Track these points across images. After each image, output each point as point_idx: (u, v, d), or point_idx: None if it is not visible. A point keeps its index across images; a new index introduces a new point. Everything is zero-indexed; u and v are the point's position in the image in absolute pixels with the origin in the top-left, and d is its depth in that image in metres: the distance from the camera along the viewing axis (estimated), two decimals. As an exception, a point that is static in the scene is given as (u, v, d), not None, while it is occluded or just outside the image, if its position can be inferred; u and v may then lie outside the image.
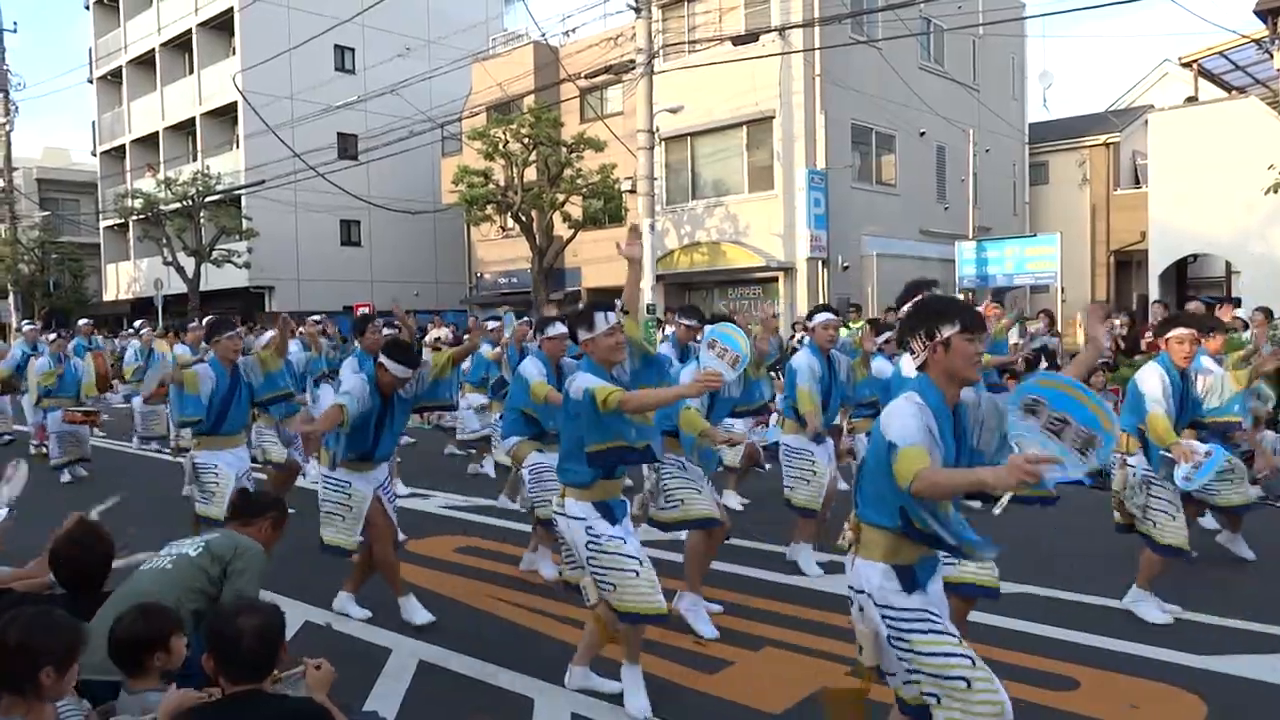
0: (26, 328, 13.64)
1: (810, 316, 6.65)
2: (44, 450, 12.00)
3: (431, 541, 7.31)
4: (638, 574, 3.96)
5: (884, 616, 2.98)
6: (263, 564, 3.64)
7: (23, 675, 2.47)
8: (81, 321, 16.94)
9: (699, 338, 7.93)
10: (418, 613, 5.35)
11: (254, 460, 8.69)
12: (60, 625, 2.61)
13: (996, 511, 5.25)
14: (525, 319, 9.09)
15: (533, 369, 6.10)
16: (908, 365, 6.29)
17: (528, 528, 7.69)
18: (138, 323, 17.45)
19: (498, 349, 8.56)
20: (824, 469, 6.25)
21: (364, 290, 30.05)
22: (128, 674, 2.91)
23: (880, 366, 7.28)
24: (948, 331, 2.94)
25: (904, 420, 2.86)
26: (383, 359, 5.26)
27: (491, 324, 9.49)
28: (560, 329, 6.22)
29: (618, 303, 4.36)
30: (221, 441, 6.34)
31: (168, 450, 11.57)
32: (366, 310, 21.58)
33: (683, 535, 5.59)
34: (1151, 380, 5.21)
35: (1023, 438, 2.72)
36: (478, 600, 5.80)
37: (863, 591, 3.05)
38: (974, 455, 3.07)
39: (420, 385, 5.45)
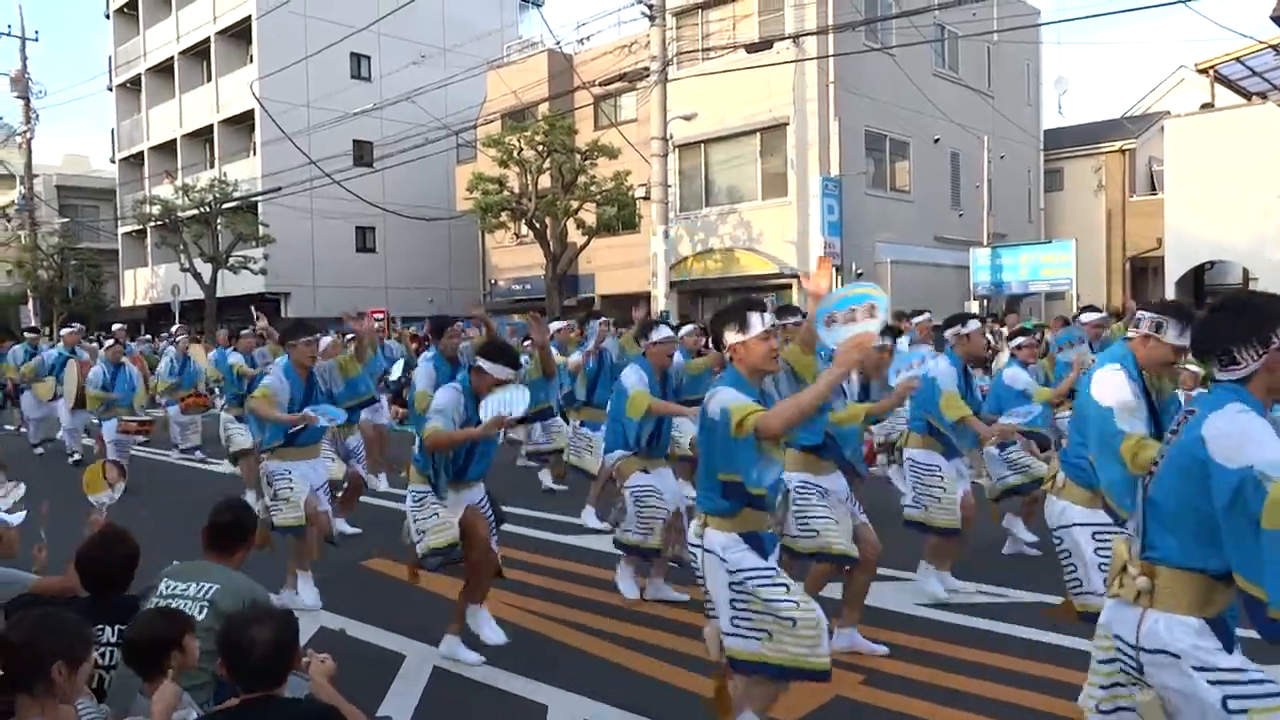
0: (66, 332, 13.38)
1: (961, 321, 5.97)
2: (76, 458, 11.89)
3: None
4: (795, 620, 3.33)
5: (1213, 682, 2.38)
6: (269, 600, 3.56)
7: (32, 674, 2.50)
8: (75, 326, 16.87)
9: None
10: (486, 626, 5.04)
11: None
12: (66, 624, 2.64)
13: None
14: (603, 319, 8.77)
15: (633, 377, 5.69)
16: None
17: (544, 535, 7.74)
18: (174, 328, 17.33)
19: (577, 357, 8.26)
20: (954, 484, 5.66)
21: (379, 296, 30.15)
22: (144, 676, 2.94)
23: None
24: None
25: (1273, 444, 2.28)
26: (480, 362, 4.78)
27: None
28: (666, 333, 5.89)
29: (771, 301, 3.99)
30: (296, 453, 5.88)
31: (216, 461, 11.42)
32: (380, 315, 21.75)
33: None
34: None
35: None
36: (493, 606, 5.78)
37: (1166, 652, 2.47)
38: None
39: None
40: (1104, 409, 3.61)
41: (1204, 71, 22.73)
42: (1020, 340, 7.44)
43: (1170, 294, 20.57)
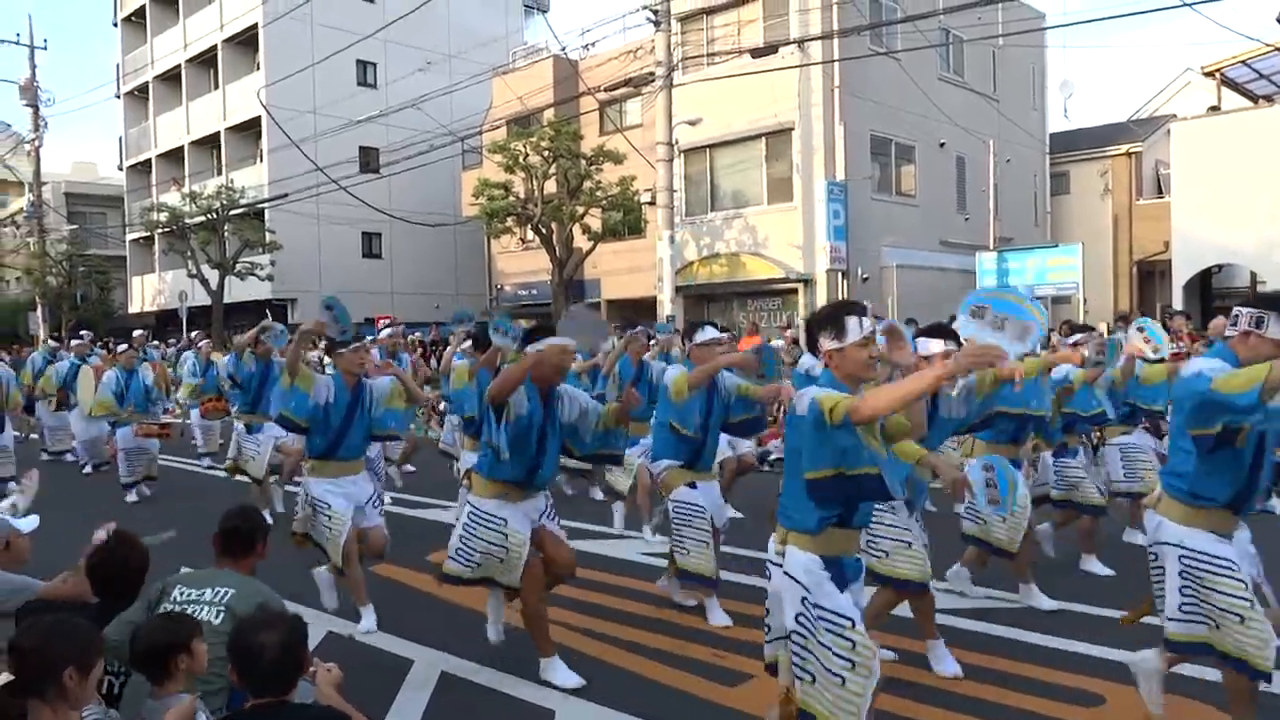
0: (75, 343, 13.32)
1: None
2: (94, 466, 11.87)
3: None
4: (853, 662, 3.07)
5: None
6: (282, 605, 3.50)
7: (44, 679, 2.51)
8: (136, 332, 16.19)
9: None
10: (560, 673, 4.59)
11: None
12: (77, 629, 2.66)
13: None
14: (639, 327, 8.50)
15: (674, 373, 5.49)
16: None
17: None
18: (194, 334, 17.27)
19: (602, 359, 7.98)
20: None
21: (385, 302, 30.22)
22: (153, 681, 2.95)
23: None
24: None
25: None
26: (530, 348, 4.44)
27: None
28: (712, 334, 5.67)
29: (868, 303, 3.65)
30: (337, 468, 5.53)
31: (221, 467, 11.28)
32: (388, 321, 21.75)
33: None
34: None
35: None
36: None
37: None
38: None
39: (578, 414, 4.67)
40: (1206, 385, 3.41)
41: (1211, 74, 22.71)
42: (1079, 337, 6.94)
43: (1178, 298, 20.51)
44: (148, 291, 37.81)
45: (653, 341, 9.22)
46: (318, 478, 5.51)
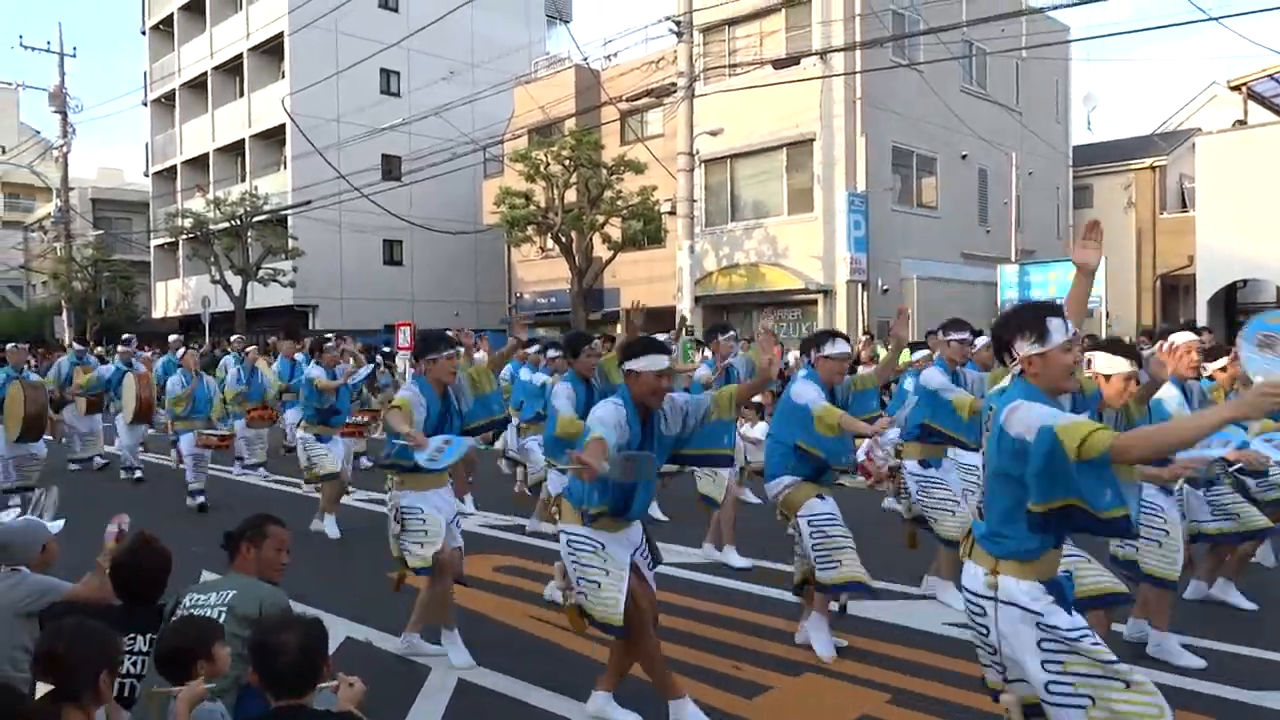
0: (121, 348, 12.90)
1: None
2: (137, 475, 11.60)
3: (471, 561, 7.33)
4: (1127, 682, 2.79)
5: None
6: (287, 603, 3.50)
7: (80, 685, 2.54)
8: (172, 337, 16.05)
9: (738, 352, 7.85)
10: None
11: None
12: (104, 633, 2.70)
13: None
14: (732, 332, 8.06)
15: (810, 391, 5.08)
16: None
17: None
18: (234, 338, 16.71)
19: (705, 371, 7.48)
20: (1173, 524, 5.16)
21: (405, 309, 30.37)
22: (174, 683, 2.97)
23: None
24: None
25: None
26: (630, 365, 4.06)
27: (534, 348, 9.22)
28: (843, 347, 5.28)
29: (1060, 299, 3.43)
30: (427, 480, 5.16)
31: (277, 478, 11.14)
32: (409, 328, 21.88)
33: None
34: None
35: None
36: (516, 619, 5.81)
37: None
38: None
39: (679, 420, 4.24)
40: None
41: (1236, 88, 22.53)
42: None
43: (1202, 313, 20.32)
44: (171, 297, 38.18)
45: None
46: (407, 490, 5.15)
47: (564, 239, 23.10)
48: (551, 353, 8.28)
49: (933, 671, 4.78)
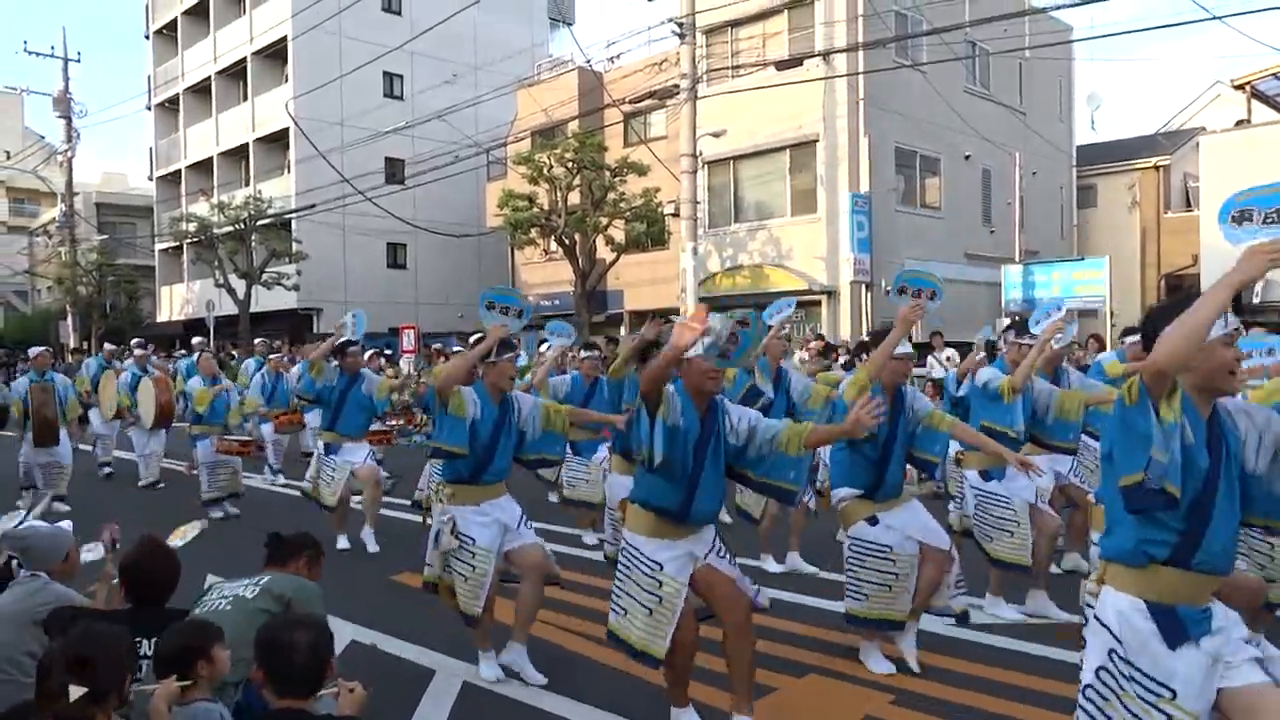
0: (138, 351, 12.64)
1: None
2: (153, 481, 11.38)
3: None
4: None
5: None
6: (322, 604, 3.60)
7: (109, 688, 2.56)
8: (196, 340, 16.32)
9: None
10: None
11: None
12: (122, 636, 2.73)
13: None
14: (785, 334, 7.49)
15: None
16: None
17: (582, 553, 7.63)
18: (256, 341, 16.43)
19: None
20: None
21: (409, 312, 30.39)
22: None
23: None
24: None
25: None
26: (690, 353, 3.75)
27: (545, 346, 8.91)
28: (905, 347, 4.89)
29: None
30: (480, 493, 4.86)
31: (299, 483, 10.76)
32: (412, 330, 21.92)
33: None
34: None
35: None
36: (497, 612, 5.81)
37: None
38: None
39: (746, 432, 3.96)
40: None
41: (1240, 87, 22.50)
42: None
43: (1207, 312, 20.29)
44: (176, 301, 38.25)
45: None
46: (460, 504, 4.84)
47: (567, 241, 23.11)
48: (584, 354, 8.06)
49: (937, 672, 4.78)
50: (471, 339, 5.49)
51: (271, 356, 12.50)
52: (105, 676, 2.55)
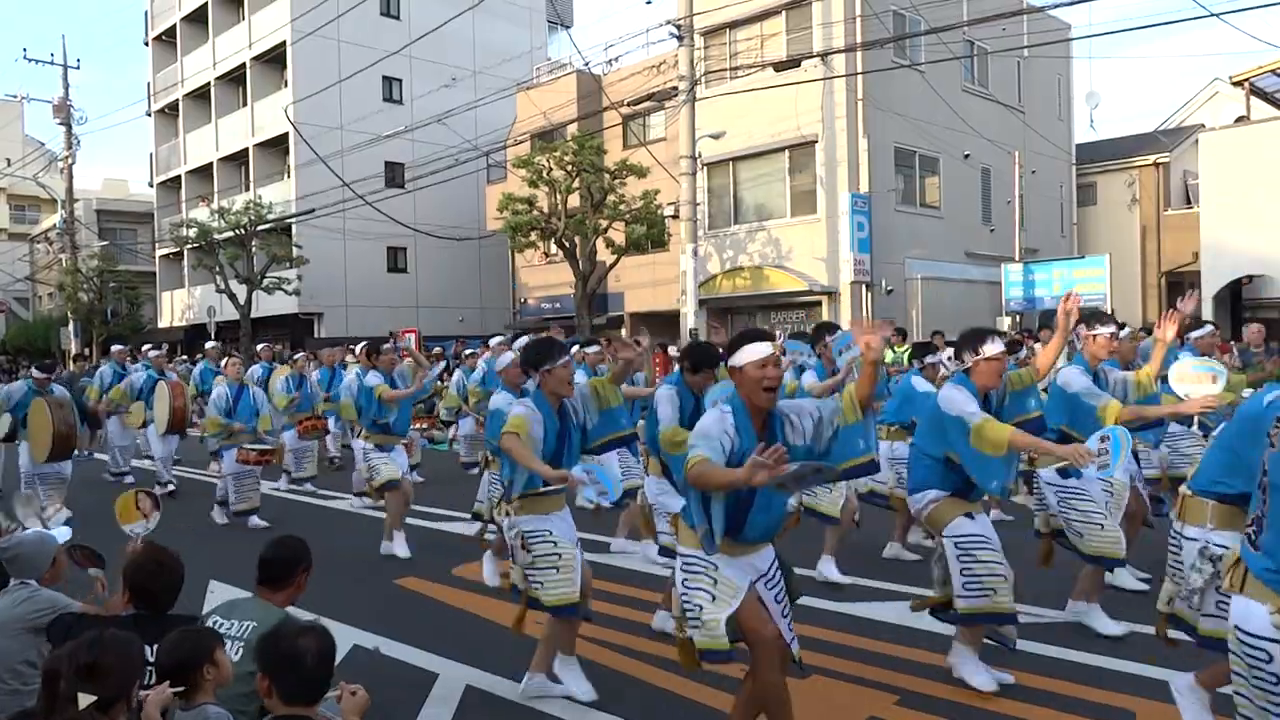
0: (153, 354, 12.25)
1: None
2: (170, 489, 11.03)
3: (476, 567, 7.32)
4: None
5: None
6: None
7: (118, 696, 2.56)
8: (210, 345, 15.72)
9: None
10: None
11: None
12: (133, 643, 2.73)
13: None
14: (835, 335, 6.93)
15: (960, 398, 4.55)
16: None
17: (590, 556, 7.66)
18: (260, 346, 15.87)
19: (811, 379, 6.56)
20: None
21: (410, 316, 30.44)
22: (180, 694, 2.98)
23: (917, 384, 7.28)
24: None
25: None
26: (733, 362, 3.60)
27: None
28: (1000, 346, 4.66)
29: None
30: (548, 503, 4.63)
31: (326, 493, 10.56)
32: (412, 334, 21.88)
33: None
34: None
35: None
36: (526, 626, 5.80)
37: None
38: None
39: (812, 429, 3.63)
40: None
41: (1239, 84, 22.48)
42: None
43: (1207, 309, 20.25)
44: (177, 306, 38.30)
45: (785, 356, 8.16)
46: (527, 515, 4.59)
47: (567, 244, 23.12)
48: (590, 349, 8.04)
49: (941, 673, 4.77)
50: (493, 341, 5.39)
51: (296, 357, 12.17)
52: (115, 683, 2.55)
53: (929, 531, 4.79)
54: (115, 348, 13.79)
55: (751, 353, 3.48)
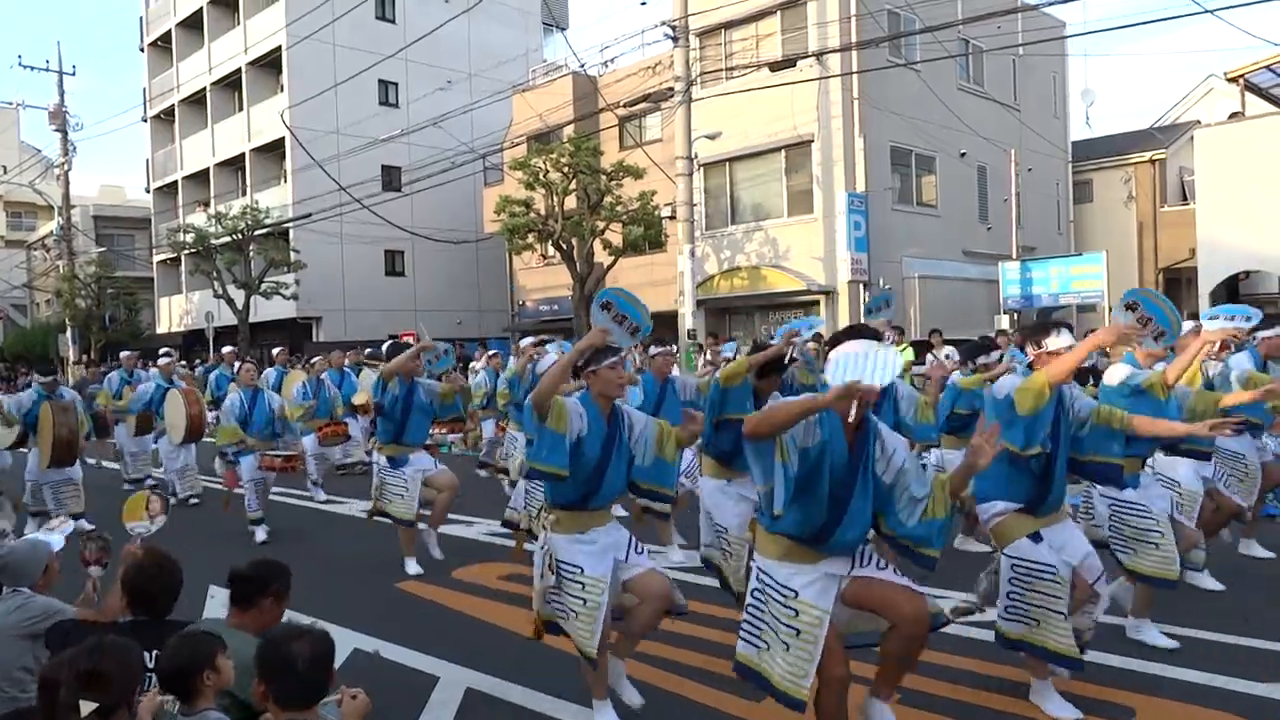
0: (162, 360, 12.02)
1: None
2: (190, 495, 10.73)
3: (476, 569, 7.36)
4: None
5: None
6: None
7: (120, 702, 2.57)
8: (226, 349, 15.67)
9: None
10: None
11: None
12: (135, 650, 2.75)
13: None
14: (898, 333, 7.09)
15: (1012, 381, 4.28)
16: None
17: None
18: (275, 350, 15.67)
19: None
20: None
21: (409, 319, 30.42)
22: (182, 699, 2.98)
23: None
24: None
25: None
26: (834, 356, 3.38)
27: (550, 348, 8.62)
28: (1068, 339, 4.37)
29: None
30: (587, 519, 4.24)
31: (343, 500, 10.23)
32: (412, 338, 21.83)
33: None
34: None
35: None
36: (525, 628, 5.77)
37: None
38: None
39: (890, 463, 3.53)
40: None
41: (1234, 80, 22.51)
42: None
43: (1204, 305, 20.28)
44: (175, 312, 38.29)
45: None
46: (564, 533, 4.22)
47: (565, 246, 23.12)
48: (654, 350, 7.38)
49: (942, 671, 4.77)
50: (524, 342, 5.04)
51: (314, 361, 11.85)
52: (116, 690, 2.55)
53: (994, 544, 4.50)
54: (124, 354, 13.65)
55: (858, 348, 3.31)
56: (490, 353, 12.57)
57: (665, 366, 7.24)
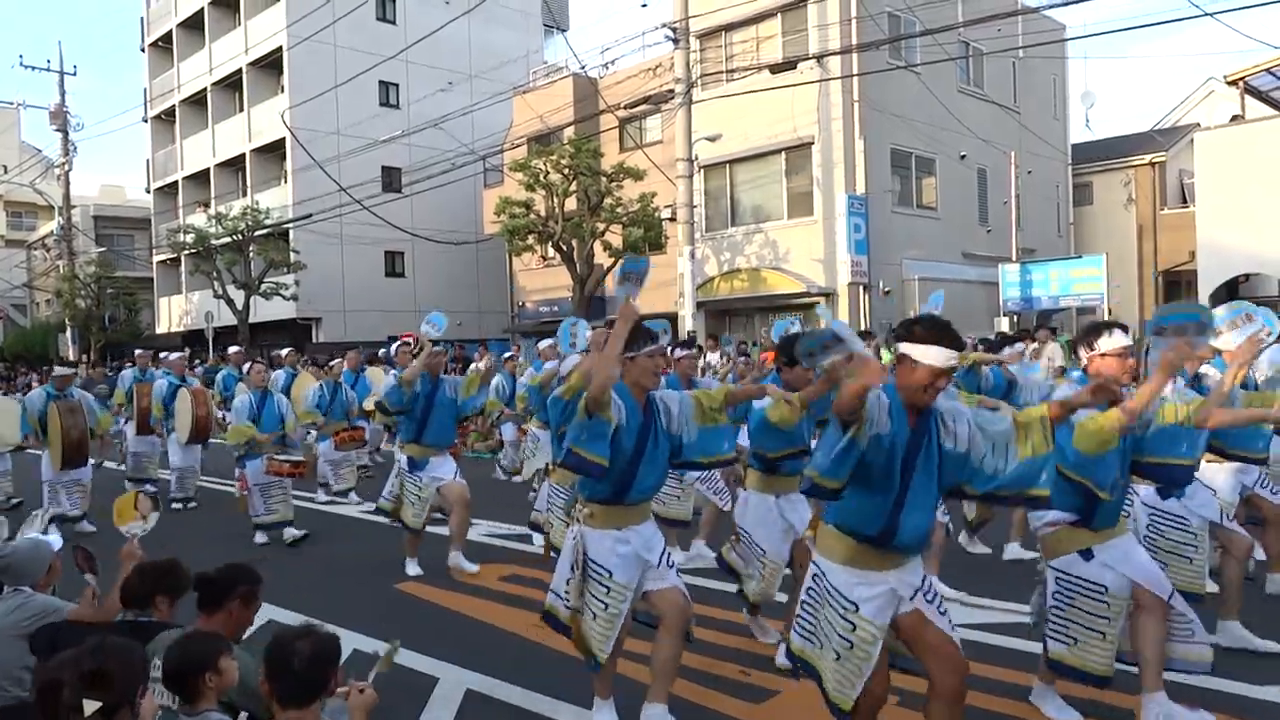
0: (173, 357, 11.85)
1: None
2: (184, 498, 10.67)
3: (476, 570, 7.35)
4: None
5: None
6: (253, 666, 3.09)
7: (122, 702, 2.58)
8: (232, 349, 15.66)
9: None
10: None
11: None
12: (138, 649, 2.75)
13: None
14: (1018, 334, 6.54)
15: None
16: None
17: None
18: (284, 352, 15.38)
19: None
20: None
21: (408, 320, 30.37)
22: (183, 699, 2.99)
23: None
24: None
25: None
26: (901, 349, 3.27)
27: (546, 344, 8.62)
28: (1122, 340, 4.10)
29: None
30: (622, 515, 4.10)
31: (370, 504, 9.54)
32: (411, 339, 21.84)
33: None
34: None
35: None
36: (524, 629, 5.81)
37: None
38: None
39: (974, 442, 3.35)
40: None
41: (1234, 83, 22.53)
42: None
43: (1204, 308, 20.32)
44: (174, 312, 38.29)
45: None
46: (599, 528, 4.08)
47: (565, 247, 23.13)
48: (679, 352, 7.20)
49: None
50: (543, 344, 4.80)
51: (332, 364, 11.66)
52: (120, 690, 2.56)
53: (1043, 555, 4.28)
54: (138, 352, 13.59)
55: (932, 356, 3.17)
56: (506, 355, 12.36)
57: (690, 368, 7.17)
